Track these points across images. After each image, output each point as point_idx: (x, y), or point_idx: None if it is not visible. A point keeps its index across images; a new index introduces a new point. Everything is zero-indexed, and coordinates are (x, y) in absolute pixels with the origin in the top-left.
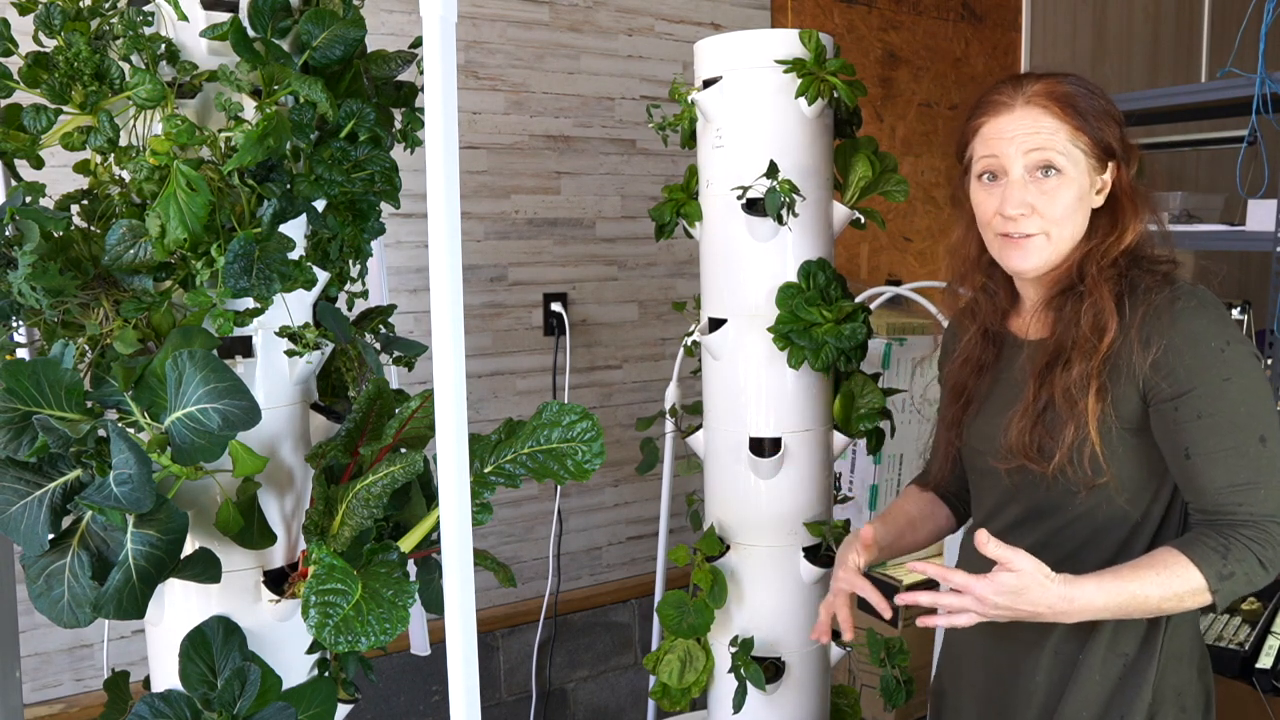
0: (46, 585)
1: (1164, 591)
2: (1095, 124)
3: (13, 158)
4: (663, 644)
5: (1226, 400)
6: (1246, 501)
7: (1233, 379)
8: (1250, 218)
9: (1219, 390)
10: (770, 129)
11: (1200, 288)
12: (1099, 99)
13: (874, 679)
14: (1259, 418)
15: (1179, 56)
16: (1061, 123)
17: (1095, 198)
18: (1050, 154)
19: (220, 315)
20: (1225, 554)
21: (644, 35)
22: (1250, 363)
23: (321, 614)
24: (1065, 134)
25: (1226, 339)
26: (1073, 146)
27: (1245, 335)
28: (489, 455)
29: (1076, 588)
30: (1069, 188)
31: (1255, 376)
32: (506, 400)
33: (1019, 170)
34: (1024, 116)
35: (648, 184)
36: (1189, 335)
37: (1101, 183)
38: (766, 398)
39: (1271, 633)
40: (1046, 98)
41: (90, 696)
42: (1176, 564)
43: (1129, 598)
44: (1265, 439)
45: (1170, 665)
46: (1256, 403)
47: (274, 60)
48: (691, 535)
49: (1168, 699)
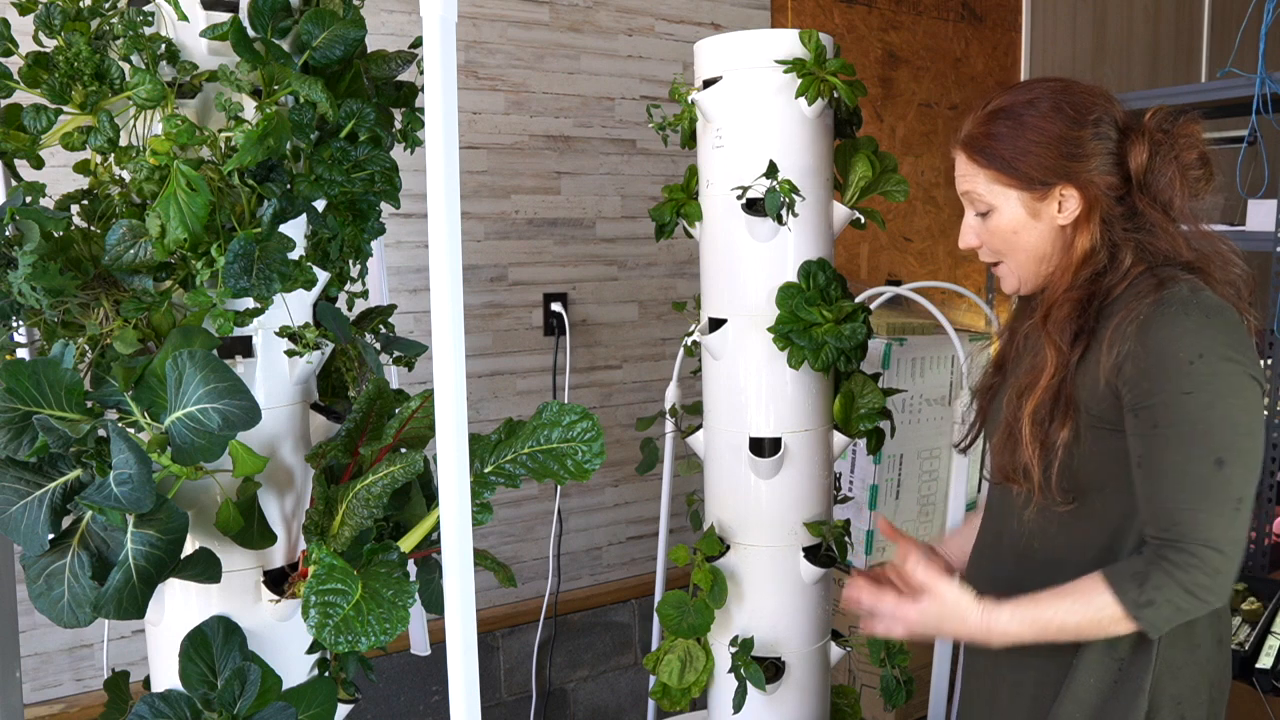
0: (46, 585)
1: (1081, 619)
2: (1011, 163)
3: (13, 158)
4: (663, 644)
5: (1184, 414)
6: (1183, 524)
7: (1195, 394)
8: (1250, 218)
9: (1178, 403)
10: (770, 129)
11: (1202, 295)
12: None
13: (874, 679)
14: (1219, 438)
15: (1179, 56)
16: (978, 168)
17: (1058, 215)
18: (973, 197)
19: (220, 315)
20: (1143, 582)
21: (644, 35)
22: (1226, 381)
23: (321, 614)
24: (984, 177)
25: (1200, 352)
26: (995, 186)
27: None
28: (489, 455)
29: (993, 617)
30: (1005, 222)
31: (1227, 394)
32: (506, 400)
33: (966, 205)
34: (957, 159)
35: (648, 184)
36: (1155, 344)
37: (1058, 203)
38: (766, 398)
39: (1271, 633)
40: (962, 144)
41: (90, 696)
42: (1094, 591)
43: (1045, 624)
44: (1223, 462)
45: (1167, 674)
46: (1220, 422)
47: (274, 60)
48: (691, 535)
49: (1165, 707)
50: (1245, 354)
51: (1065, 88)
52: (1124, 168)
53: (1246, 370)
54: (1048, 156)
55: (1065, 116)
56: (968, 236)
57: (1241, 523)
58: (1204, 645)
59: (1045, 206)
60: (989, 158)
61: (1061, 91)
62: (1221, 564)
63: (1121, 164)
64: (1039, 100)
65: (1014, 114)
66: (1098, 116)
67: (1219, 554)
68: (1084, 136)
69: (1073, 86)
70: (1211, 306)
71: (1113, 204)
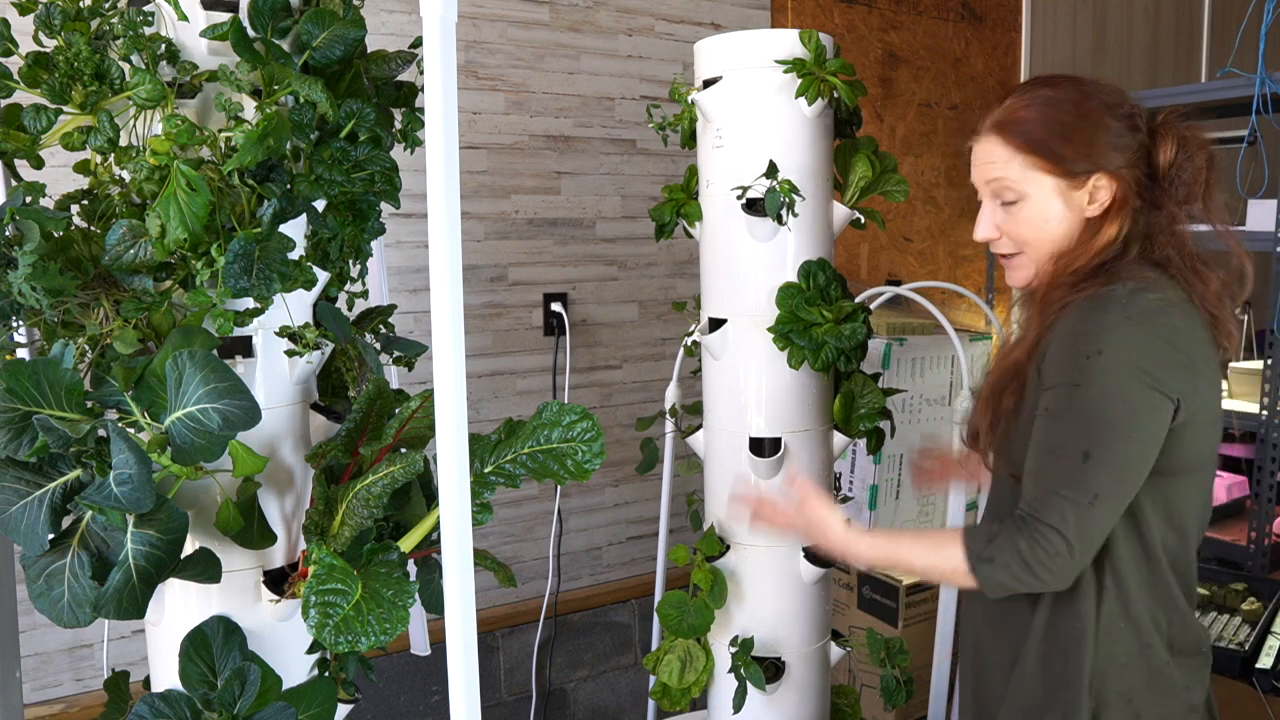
0: (46, 585)
1: (926, 561)
2: (1054, 150)
3: (13, 158)
4: (663, 644)
5: (1070, 405)
6: (1042, 504)
7: (1083, 386)
8: (1250, 218)
9: (1067, 393)
10: (770, 129)
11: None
12: (1071, 115)
13: (874, 679)
14: (1093, 434)
15: (1179, 56)
16: (1015, 152)
17: (1088, 207)
18: (1005, 184)
19: (220, 315)
20: (990, 540)
21: (644, 35)
22: (1117, 381)
23: (321, 614)
24: (1021, 162)
25: (1100, 349)
26: (1031, 172)
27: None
28: (489, 455)
29: (854, 539)
30: (1034, 211)
31: (1114, 395)
32: (506, 400)
33: (987, 197)
34: (983, 146)
35: (648, 184)
36: (1067, 333)
37: (1090, 193)
38: (766, 398)
39: (1271, 633)
40: (997, 128)
41: (90, 696)
42: (948, 540)
43: (897, 559)
44: (1089, 455)
45: (1110, 669)
46: (1098, 420)
47: (274, 60)
48: (691, 535)
49: (1112, 703)
50: (1156, 362)
51: (1093, 81)
52: (1150, 163)
53: (1145, 379)
54: (1088, 144)
55: (1102, 105)
56: (986, 227)
57: (1095, 518)
58: (1155, 645)
59: (1078, 196)
60: (1029, 141)
61: (1090, 84)
62: (1063, 549)
63: (1149, 159)
64: (1071, 89)
65: (1051, 101)
66: (1129, 110)
67: (1061, 539)
68: (1121, 127)
69: (1099, 80)
70: (1141, 310)
71: (1136, 197)
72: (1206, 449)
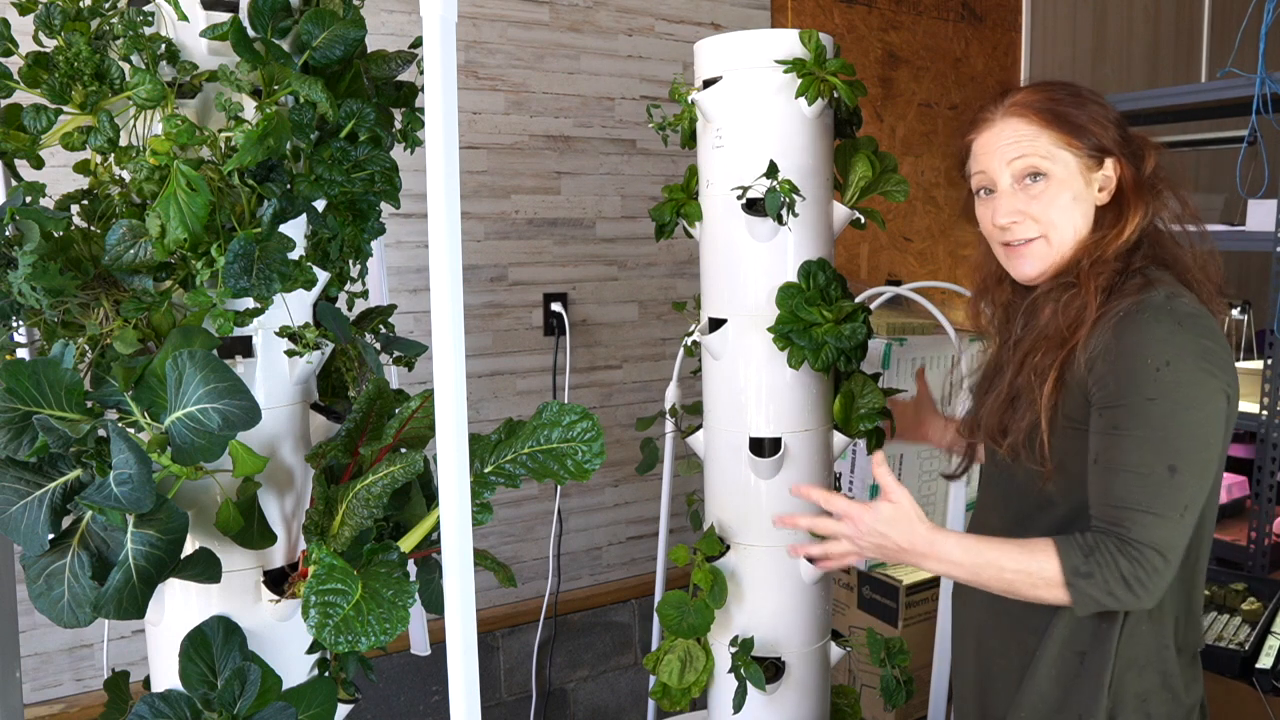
0: (46, 585)
1: (1018, 567)
2: (1079, 124)
3: (13, 158)
4: (663, 644)
5: (1146, 420)
6: (1134, 524)
7: (1159, 400)
8: (1250, 218)
9: (1141, 408)
10: (770, 129)
11: (1180, 299)
12: (1086, 102)
13: (874, 679)
14: (1176, 446)
15: (1179, 56)
16: (1041, 128)
17: (1098, 195)
18: (1033, 160)
19: (220, 315)
20: (1089, 554)
21: (644, 35)
22: (1189, 390)
23: (321, 614)
24: (1047, 138)
25: (1168, 358)
26: (1057, 149)
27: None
28: (489, 455)
29: (940, 537)
30: (1059, 189)
31: (1190, 404)
32: (506, 400)
33: (1006, 181)
34: (1005, 128)
35: (648, 184)
36: (1126, 347)
37: (1102, 180)
38: (766, 398)
39: (1271, 633)
40: (1023, 106)
41: (90, 696)
42: (1041, 549)
43: (984, 564)
44: (1175, 469)
45: (1129, 671)
46: (1179, 431)
47: (274, 60)
48: (691, 535)
49: (1128, 705)
50: (1215, 363)
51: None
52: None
53: (1213, 381)
54: (1110, 130)
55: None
56: (1008, 208)
57: (1184, 530)
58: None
59: (1094, 179)
60: (1058, 118)
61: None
62: (1161, 566)
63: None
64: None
65: (1070, 89)
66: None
67: (1160, 556)
68: (1118, 119)
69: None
70: (1185, 314)
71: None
72: (1226, 446)
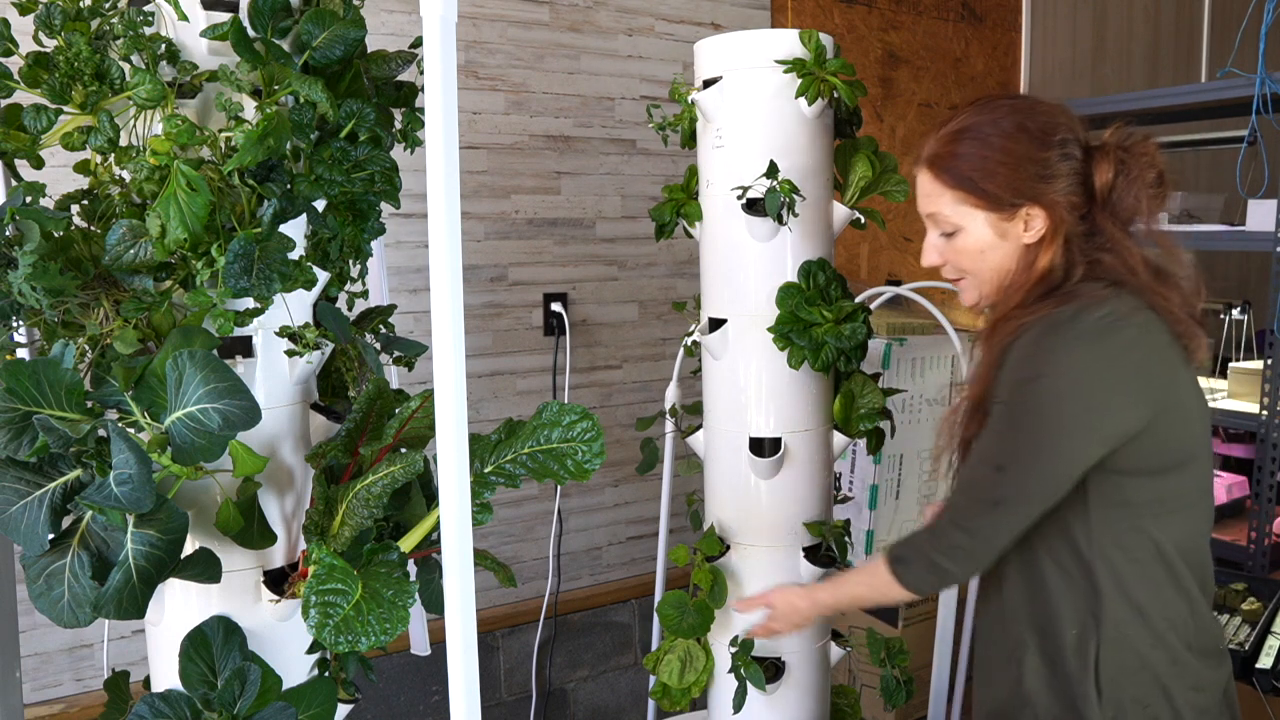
0: (47, 585)
1: (863, 580)
2: (981, 187)
3: (13, 158)
4: (663, 644)
5: (999, 421)
6: (952, 498)
7: (1013, 406)
8: (1250, 218)
9: (1000, 411)
10: (770, 129)
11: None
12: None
13: (874, 679)
14: (1012, 450)
15: (1179, 56)
16: (945, 187)
17: (1024, 234)
18: (937, 217)
19: (220, 315)
20: (905, 543)
21: (644, 35)
22: (1051, 406)
23: (321, 614)
24: (950, 198)
25: (1039, 373)
26: (961, 207)
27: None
28: (489, 455)
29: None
30: (968, 242)
31: (1043, 418)
32: (506, 400)
33: (930, 227)
34: (920, 180)
35: (648, 184)
36: (1014, 357)
37: (1025, 220)
38: (766, 398)
39: (1271, 633)
40: (927, 164)
41: (90, 696)
42: (875, 564)
43: (849, 596)
44: (1002, 469)
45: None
46: (1020, 440)
47: (274, 60)
48: (691, 535)
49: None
50: (1094, 385)
51: (1029, 106)
52: (1088, 186)
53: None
54: (1015, 177)
55: (1031, 136)
56: (930, 255)
57: (994, 521)
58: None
59: (1012, 226)
60: (956, 178)
61: (1024, 111)
62: (961, 542)
63: (1086, 182)
64: (1002, 120)
65: (979, 134)
66: (1063, 137)
67: (962, 533)
68: (1050, 157)
69: (1036, 105)
70: (1084, 332)
71: (1076, 222)
72: (1182, 448)
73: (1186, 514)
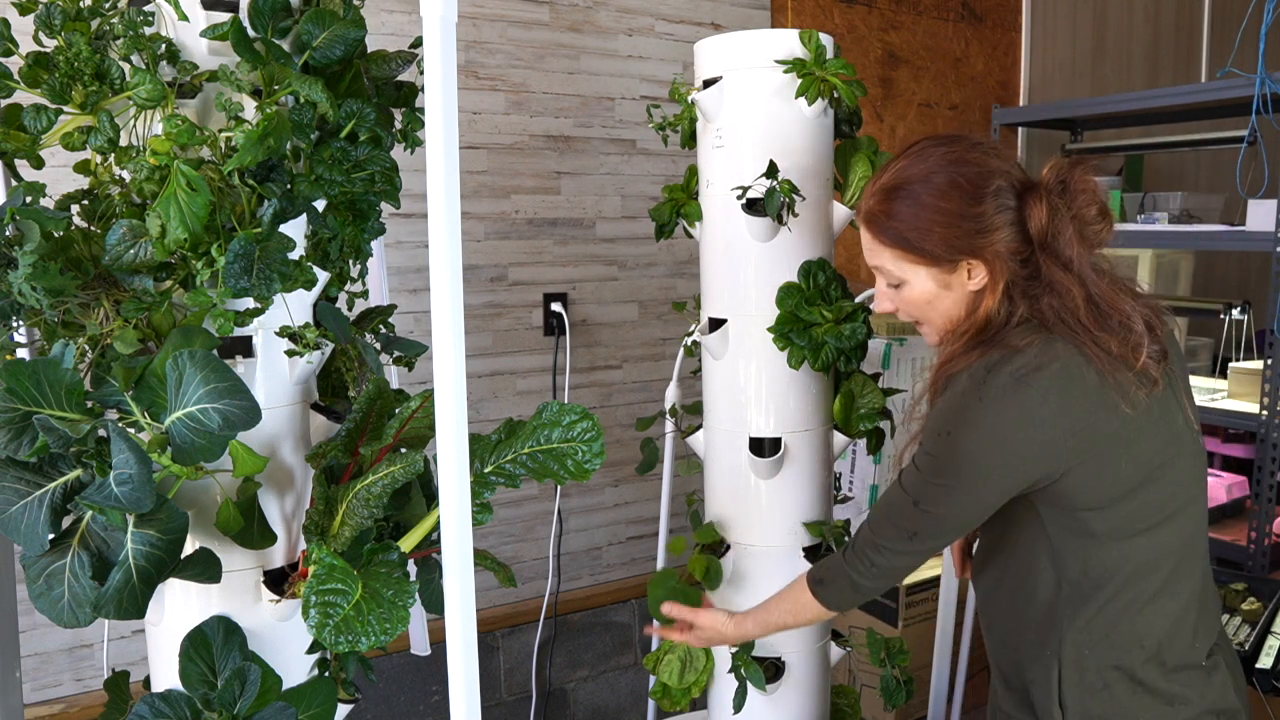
0: (47, 585)
1: (786, 608)
2: (917, 245)
3: (13, 158)
4: (663, 644)
5: (922, 463)
6: (870, 517)
7: (933, 456)
8: (1250, 218)
9: (922, 456)
10: (770, 129)
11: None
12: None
13: (874, 679)
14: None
15: (1179, 56)
16: (884, 245)
17: (969, 282)
18: (882, 270)
19: (220, 315)
20: (824, 565)
21: (644, 35)
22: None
23: (322, 614)
24: (890, 254)
25: (949, 429)
26: (903, 263)
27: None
28: (489, 455)
29: (739, 620)
30: (913, 293)
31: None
32: (506, 400)
33: (877, 275)
34: (864, 233)
35: (648, 184)
36: (939, 406)
37: (967, 272)
38: (766, 398)
39: (1271, 633)
40: (864, 222)
41: (90, 696)
42: (795, 587)
43: (771, 623)
44: (918, 503)
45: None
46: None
47: (274, 60)
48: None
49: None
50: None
51: (958, 158)
52: (1025, 231)
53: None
54: (951, 235)
55: (963, 192)
56: (883, 303)
57: (908, 549)
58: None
59: (955, 278)
60: (893, 238)
61: (956, 163)
62: (879, 562)
63: (1022, 228)
64: (934, 175)
65: (911, 193)
66: (996, 186)
67: (879, 554)
68: (985, 211)
69: (966, 156)
70: (998, 389)
71: (1018, 268)
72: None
73: (1157, 531)
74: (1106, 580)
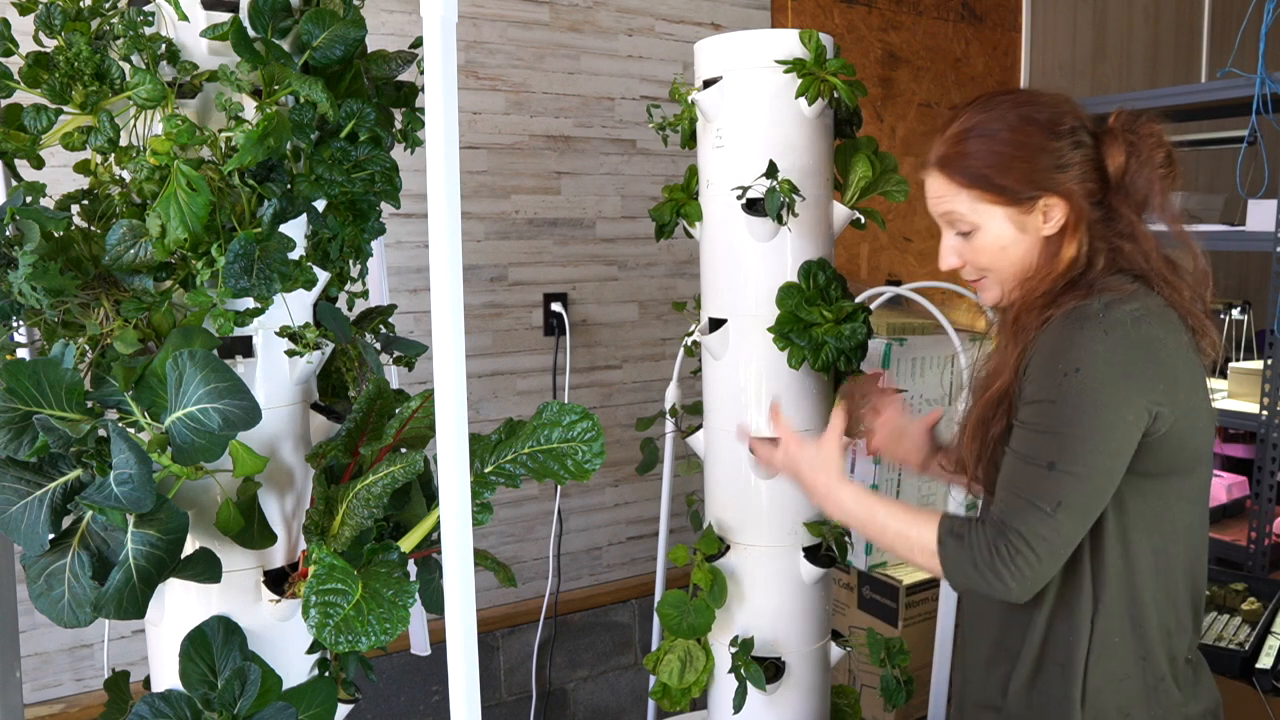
0: (47, 585)
1: (899, 529)
2: (995, 182)
3: (13, 158)
4: (663, 644)
5: (1043, 419)
6: (1009, 510)
7: (1058, 403)
8: (1250, 218)
9: (1043, 410)
10: (770, 129)
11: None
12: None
13: (874, 679)
14: (1062, 447)
15: (1179, 56)
16: (960, 187)
17: (1043, 226)
18: (954, 217)
19: (220, 315)
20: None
21: (644, 35)
22: (1092, 398)
23: (322, 614)
24: (966, 196)
25: (1079, 365)
26: (978, 204)
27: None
28: (489, 455)
29: (840, 485)
30: (986, 240)
31: (1089, 411)
32: (506, 400)
33: (945, 228)
34: (932, 182)
35: (648, 184)
36: (1046, 350)
37: (1043, 212)
38: (766, 398)
39: (1271, 633)
40: (939, 165)
41: (90, 696)
42: (925, 517)
43: (871, 519)
44: (1054, 466)
45: (1106, 685)
46: (1070, 435)
47: (274, 60)
48: (691, 535)
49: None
50: (1130, 378)
51: (1031, 99)
52: (1102, 172)
53: (1118, 395)
54: (1030, 169)
55: (1039, 127)
56: (949, 258)
57: (1053, 527)
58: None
59: (1030, 219)
60: (969, 176)
61: (1028, 103)
62: (1030, 557)
63: (1100, 168)
64: (1007, 114)
65: (987, 130)
66: (1071, 125)
67: (1029, 547)
68: (1062, 147)
69: (1038, 97)
70: (1116, 323)
71: (1093, 209)
72: (1195, 453)
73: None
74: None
